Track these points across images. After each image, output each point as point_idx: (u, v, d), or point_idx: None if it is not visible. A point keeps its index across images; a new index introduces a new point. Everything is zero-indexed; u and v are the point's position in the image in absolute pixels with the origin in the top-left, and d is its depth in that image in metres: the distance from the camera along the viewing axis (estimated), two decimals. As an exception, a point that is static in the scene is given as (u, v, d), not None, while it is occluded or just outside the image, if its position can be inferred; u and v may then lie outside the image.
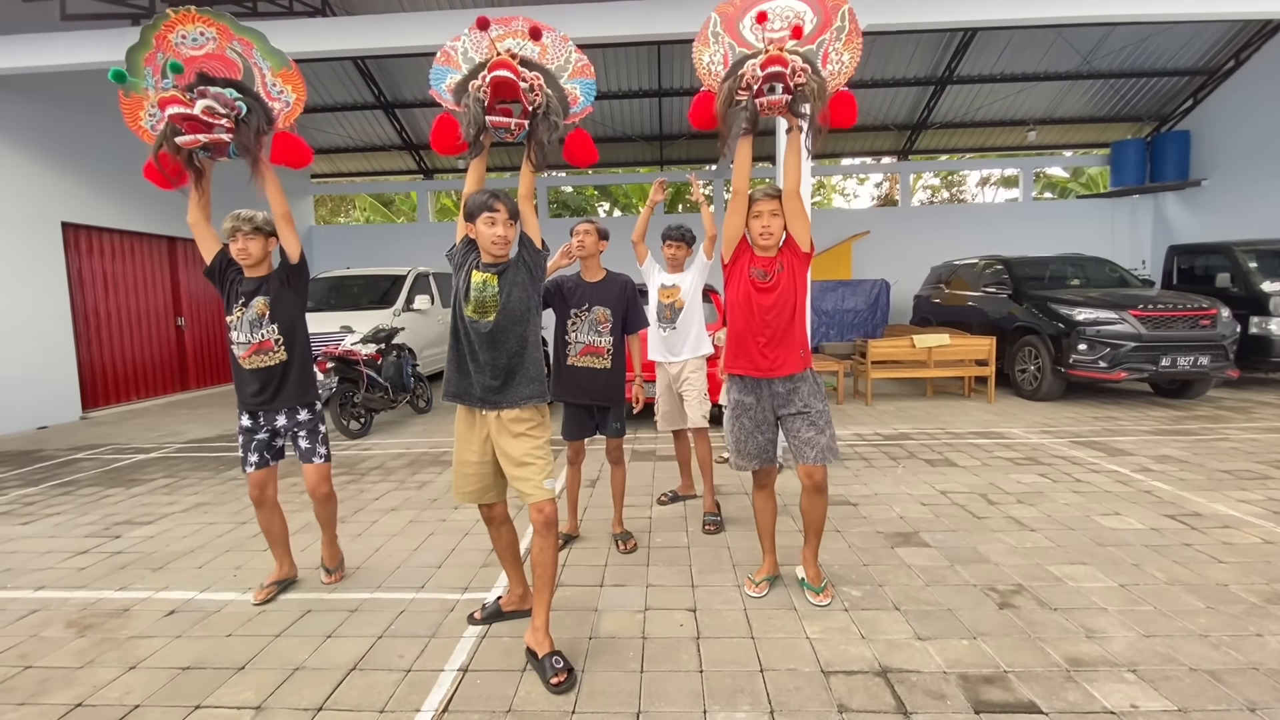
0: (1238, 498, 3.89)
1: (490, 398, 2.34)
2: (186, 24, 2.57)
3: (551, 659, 2.22)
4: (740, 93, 2.35)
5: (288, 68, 2.65)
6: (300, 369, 2.85)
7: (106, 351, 8.64)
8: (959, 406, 7.16)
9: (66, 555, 3.53)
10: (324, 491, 2.95)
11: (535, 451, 2.33)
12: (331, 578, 3.06)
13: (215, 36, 2.58)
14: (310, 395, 2.91)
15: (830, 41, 2.47)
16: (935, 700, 2.06)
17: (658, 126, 13.03)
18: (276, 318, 2.78)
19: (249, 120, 2.53)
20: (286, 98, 2.66)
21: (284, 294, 2.80)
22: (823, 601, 2.69)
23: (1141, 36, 10.49)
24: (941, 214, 15.27)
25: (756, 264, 2.63)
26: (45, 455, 6.03)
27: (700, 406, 3.77)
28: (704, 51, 2.58)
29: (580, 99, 2.49)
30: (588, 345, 3.16)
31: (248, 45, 2.62)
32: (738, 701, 2.08)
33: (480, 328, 2.32)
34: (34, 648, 2.56)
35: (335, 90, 11.75)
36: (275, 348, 2.78)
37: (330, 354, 6.22)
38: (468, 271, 2.35)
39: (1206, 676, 2.15)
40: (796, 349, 2.63)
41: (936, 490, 4.19)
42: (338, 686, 2.23)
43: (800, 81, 2.29)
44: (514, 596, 2.68)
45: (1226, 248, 7.97)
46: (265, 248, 2.78)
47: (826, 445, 2.60)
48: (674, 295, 3.82)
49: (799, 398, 2.63)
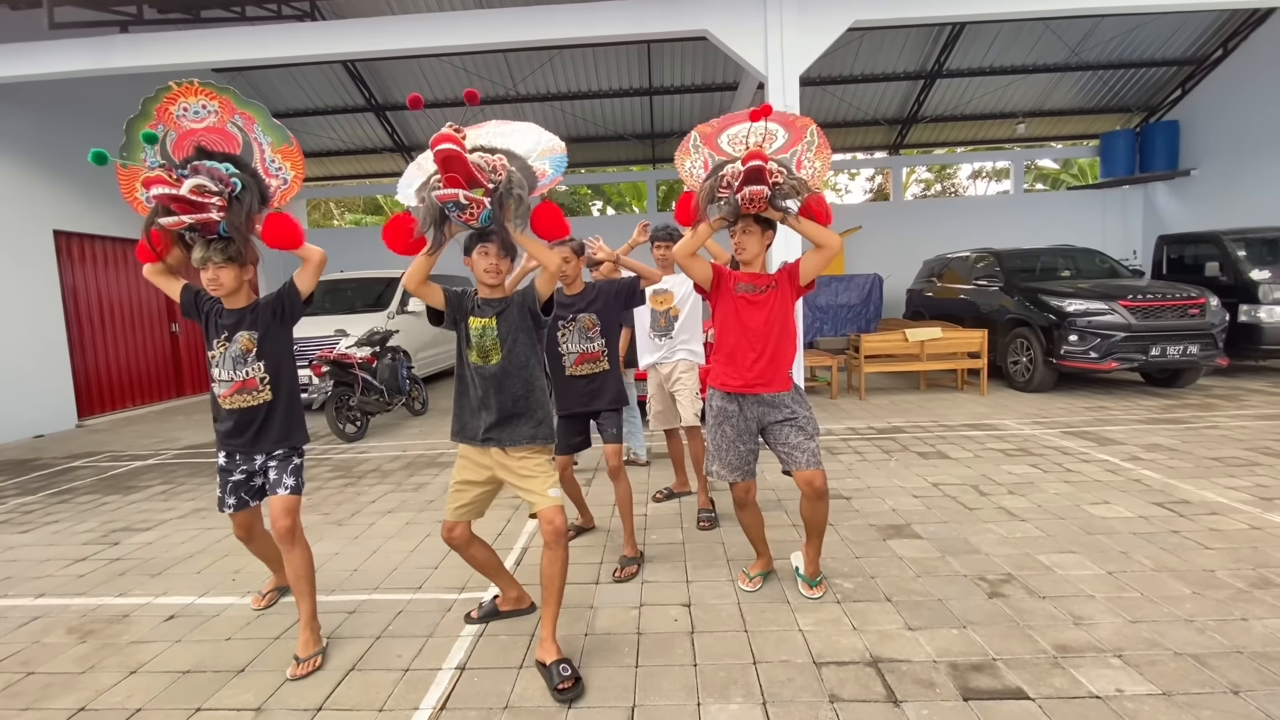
0: (1226, 485, 3.94)
1: (494, 435, 2.38)
2: (189, 96, 2.43)
3: (559, 666, 2.21)
4: (721, 190, 2.47)
5: (288, 144, 2.50)
6: (286, 410, 2.57)
7: (101, 359, 8.63)
8: (951, 399, 7.21)
9: (66, 563, 3.55)
10: (283, 526, 2.45)
11: (538, 468, 2.39)
12: (299, 668, 2.36)
13: (217, 110, 2.44)
14: (296, 439, 2.60)
15: (801, 152, 2.64)
16: (925, 689, 2.10)
17: (649, 125, 13.05)
18: (264, 354, 2.50)
19: (242, 198, 2.34)
20: (284, 175, 2.50)
21: (274, 329, 2.53)
22: (815, 595, 2.72)
23: (1129, 27, 10.55)
24: (933, 208, 15.33)
25: (742, 279, 2.66)
26: (42, 464, 6.04)
27: (692, 405, 3.79)
28: (685, 160, 2.73)
29: (549, 172, 2.35)
30: (582, 353, 3.13)
31: (249, 119, 2.47)
32: (731, 693, 2.12)
33: (485, 372, 2.36)
34: (36, 654, 2.58)
35: (325, 93, 11.74)
36: (260, 387, 2.50)
37: (325, 357, 6.23)
38: (465, 319, 2.39)
39: (1191, 660, 2.19)
40: (784, 368, 2.64)
41: (928, 482, 4.23)
42: (336, 687, 2.26)
43: (778, 180, 2.42)
44: (509, 598, 2.71)
45: (1216, 237, 8.03)
46: (239, 277, 2.49)
47: (816, 449, 2.58)
48: (668, 303, 3.79)
49: (784, 405, 2.63)
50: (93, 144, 2.45)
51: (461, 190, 2.10)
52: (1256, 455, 4.53)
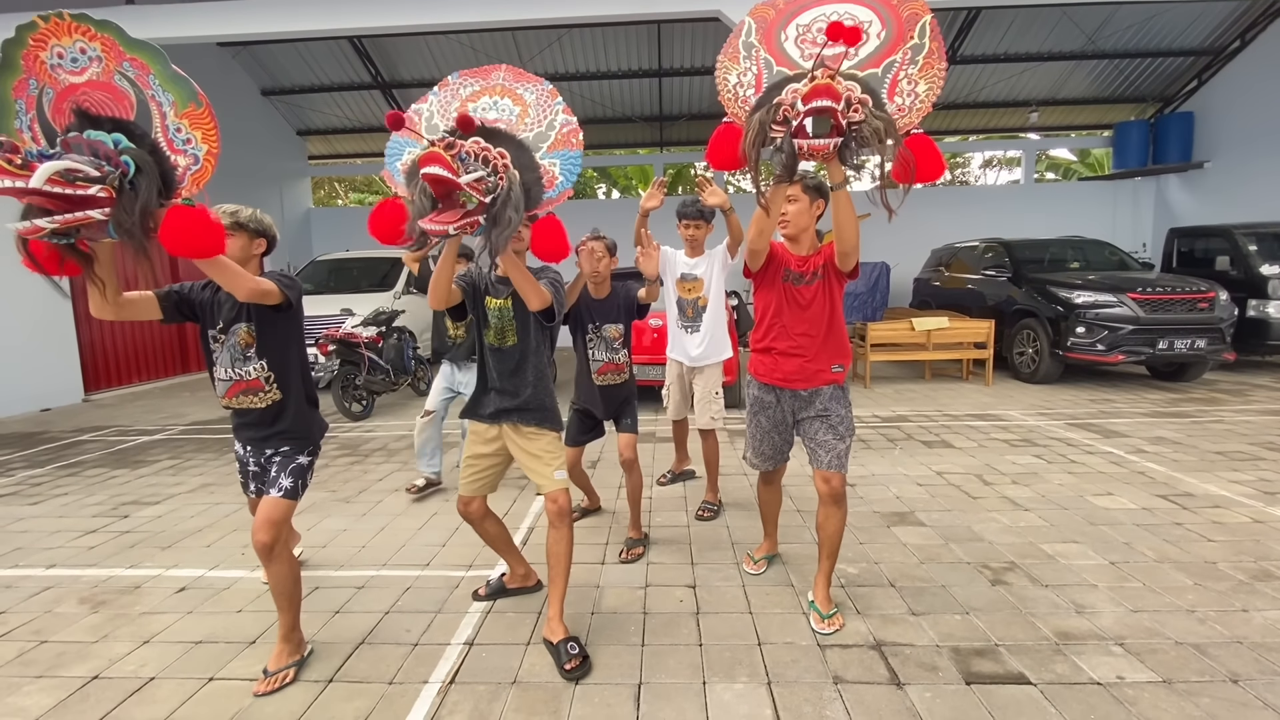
0: (1230, 478, 3.95)
1: (503, 414, 2.40)
2: (61, 37, 1.73)
3: (566, 645, 2.23)
4: (775, 128, 1.75)
5: (195, 103, 1.76)
6: (298, 406, 2.27)
7: (108, 334, 8.66)
8: (957, 389, 7.21)
9: (76, 534, 3.59)
10: (260, 540, 2.10)
11: (548, 448, 2.40)
12: (266, 682, 2.13)
13: (100, 55, 1.75)
14: (310, 434, 2.32)
15: (902, 64, 1.85)
16: (928, 672, 2.13)
17: (658, 107, 12.92)
18: (265, 351, 2.19)
19: (137, 183, 1.64)
20: (194, 150, 1.76)
21: (274, 320, 2.19)
22: (828, 630, 2.36)
23: (1147, 15, 10.38)
24: (943, 196, 15.20)
25: (792, 266, 2.38)
26: (50, 437, 6.08)
27: (710, 408, 3.60)
28: (732, 69, 1.96)
29: (558, 180, 1.95)
30: (606, 363, 3.09)
31: (143, 68, 1.76)
32: (736, 673, 2.15)
33: (503, 354, 2.37)
34: (48, 623, 2.62)
35: (331, 70, 11.64)
36: (266, 387, 2.20)
37: (331, 336, 6.25)
38: (482, 300, 2.38)
39: (1191, 649, 2.21)
40: (828, 365, 2.40)
41: (933, 471, 4.25)
42: (347, 660, 2.29)
43: (857, 119, 1.71)
44: (516, 575, 2.74)
45: (1227, 230, 7.97)
46: (248, 248, 2.20)
47: (845, 451, 2.39)
48: (697, 291, 3.57)
49: (820, 400, 2.43)
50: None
51: (453, 226, 1.73)
52: (1260, 450, 4.53)
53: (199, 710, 2.04)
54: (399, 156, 2.04)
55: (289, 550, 2.27)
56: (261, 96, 12.04)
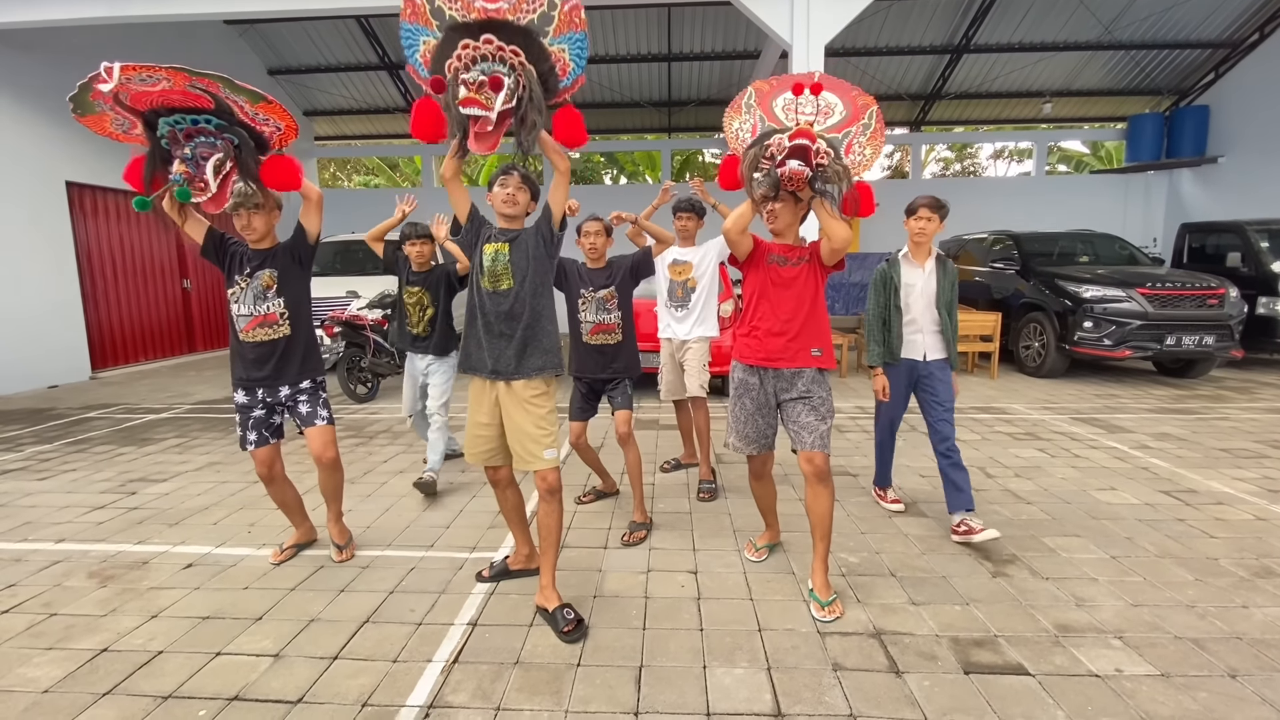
0: (1233, 475, 3.95)
1: (502, 369, 2.40)
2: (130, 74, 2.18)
3: (562, 611, 2.34)
4: (764, 161, 2.33)
5: (265, 101, 2.36)
6: (305, 343, 2.80)
7: (114, 313, 8.70)
8: (962, 381, 7.16)
9: (84, 510, 3.62)
10: (330, 456, 2.85)
11: (541, 423, 2.40)
12: (342, 554, 2.94)
13: (168, 79, 2.21)
14: (314, 369, 2.85)
15: (855, 135, 2.54)
16: (927, 660, 2.14)
17: (666, 92, 12.80)
18: (284, 292, 2.72)
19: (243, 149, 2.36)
20: (274, 124, 2.44)
21: (293, 269, 2.75)
22: (828, 617, 2.40)
23: (1165, 6, 10.22)
24: (952, 187, 15.06)
25: (776, 251, 2.56)
26: (58, 414, 6.13)
27: (699, 376, 3.80)
28: (734, 119, 2.63)
29: (570, 67, 2.15)
30: (598, 324, 3.21)
31: (213, 85, 2.26)
32: (736, 658, 2.17)
33: (497, 298, 2.38)
34: (57, 596, 2.66)
35: (338, 50, 11.56)
36: (280, 321, 2.72)
37: (336, 319, 6.26)
38: (480, 246, 2.41)
39: (1190, 644, 2.22)
40: (808, 346, 2.54)
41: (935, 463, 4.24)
42: (352, 637, 2.32)
43: (822, 162, 2.28)
44: (520, 556, 2.76)
45: (1239, 226, 7.88)
46: (270, 222, 2.72)
47: (826, 432, 2.52)
48: (686, 273, 3.75)
49: (801, 382, 2.55)
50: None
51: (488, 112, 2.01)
52: (1265, 448, 4.52)
53: (207, 683, 2.07)
54: (416, 47, 2.18)
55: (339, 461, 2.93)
56: (268, 76, 11.97)
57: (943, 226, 3.17)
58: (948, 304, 3.21)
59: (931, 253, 3.25)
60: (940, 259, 3.24)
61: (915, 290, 3.21)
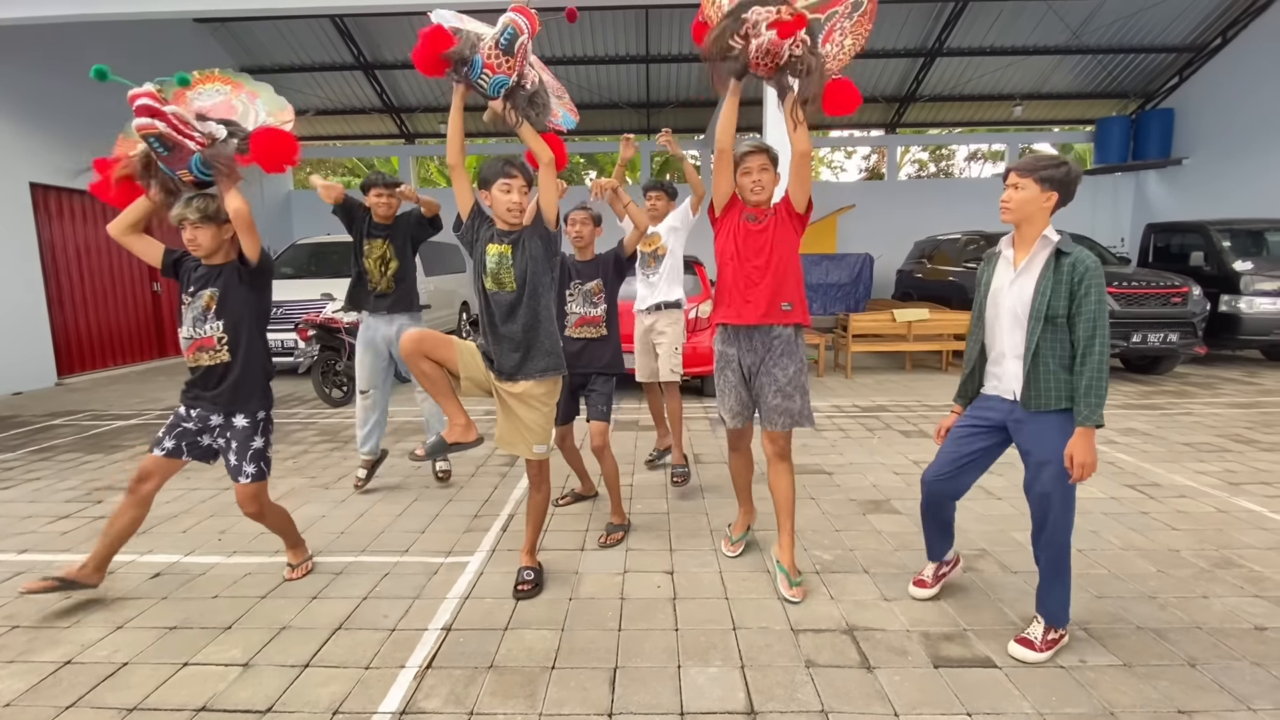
0: (1196, 469, 4.06)
1: (506, 369, 2.43)
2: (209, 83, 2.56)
3: (524, 571, 2.62)
4: (735, 38, 2.20)
5: (282, 109, 2.61)
6: (242, 375, 2.54)
7: (81, 317, 8.48)
8: (936, 380, 7.30)
9: (49, 519, 3.54)
10: (251, 511, 2.63)
11: (540, 421, 2.46)
12: (294, 573, 2.79)
13: (229, 91, 2.57)
14: (252, 405, 2.58)
15: (840, 18, 2.30)
16: (897, 655, 2.18)
17: (645, 93, 12.83)
18: (223, 314, 2.51)
19: (225, 142, 2.44)
20: (277, 120, 2.60)
21: (237, 290, 2.52)
22: (796, 598, 2.49)
23: (1131, 11, 10.47)
24: (926, 188, 15.31)
25: (749, 210, 2.59)
26: (22, 421, 5.97)
27: (670, 359, 3.82)
28: None
29: (560, 115, 2.59)
30: (583, 316, 3.23)
31: (253, 96, 2.60)
32: (710, 657, 2.18)
33: (500, 299, 2.40)
34: (20, 608, 2.59)
35: (313, 49, 11.41)
36: (217, 346, 2.51)
37: (311, 321, 6.18)
38: (482, 245, 2.41)
39: (1152, 634, 2.28)
40: (779, 300, 2.51)
41: (910, 460, 4.31)
42: (324, 645, 2.29)
43: (796, 54, 2.17)
44: (456, 428, 2.51)
45: (1202, 226, 8.11)
46: (218, 236, 2.50)
47: (798, 411, 2.56)
48: (655, 243, 3.86)
49: (771, 356, 2.55)
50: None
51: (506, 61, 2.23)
52: (1227, 442, 4.65)
53: (173, 695, 2.03)
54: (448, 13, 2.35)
55: (272, 504, 2.72)
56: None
57: (1051, 199, 2.05)
58: (1053, 317, 2.05)
59: (1039, 243, 2.09)
60: (1059, 255, 2.05)
61: (1000, 295, 2.19)
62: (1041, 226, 2.09)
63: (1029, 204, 2.07)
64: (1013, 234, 2.18)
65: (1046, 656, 2.13)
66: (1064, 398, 2.08)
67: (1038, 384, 2.11)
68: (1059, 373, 2.07)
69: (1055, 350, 2.07)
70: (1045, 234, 2.07)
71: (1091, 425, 2.03)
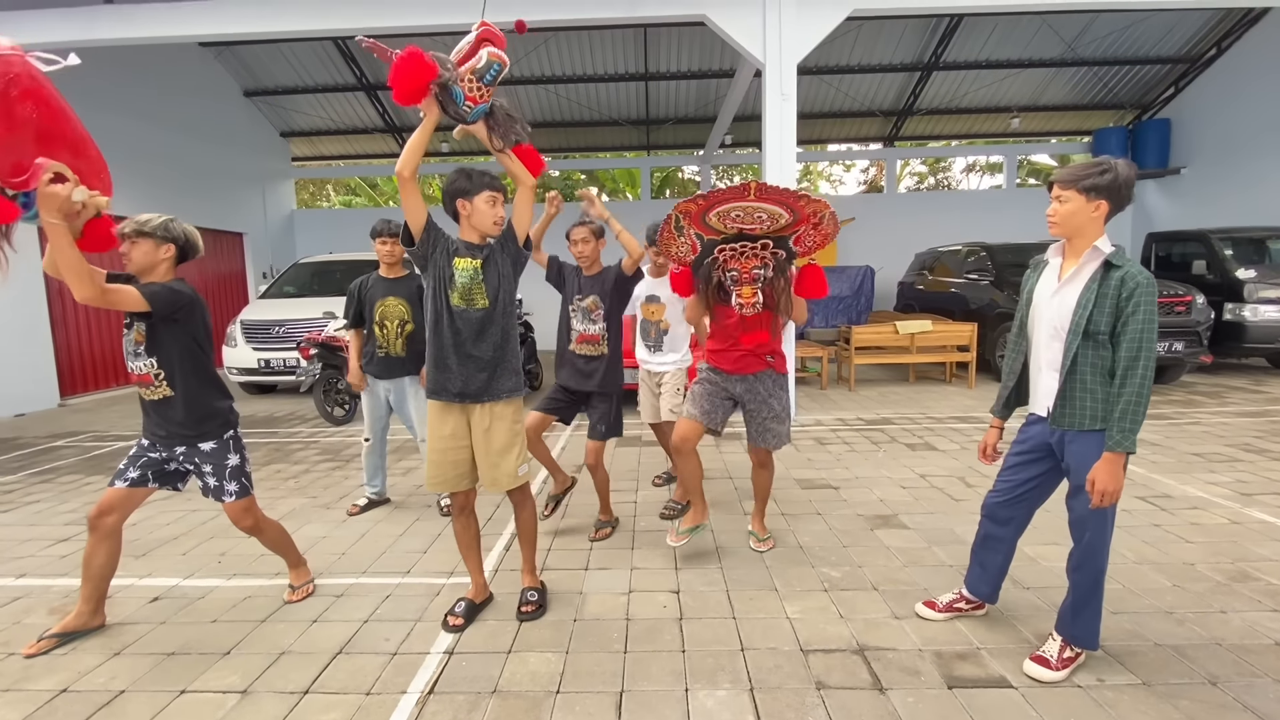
0: (1207, 480, 4.00)
1: (472, 391, 2.36)
2: None
3: (527, 592, 2.60)
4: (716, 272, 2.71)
5: None
6: (190, 406, 2.42)
7: (84, 338, 8.49)
8: (940, 392, 7.26)
9: (48, 543, 3.50)
10: (246, 525, 2.59)
11: (515, 440, 2.42)
12: (295, 595, 2.76)
13: None
14: (213, 428, 2.48)
15: (806, 230, 2.67)
16: (910, 676, 2.12)
17: (644, 110, 12.93)
18: (154, 350, 2.38)
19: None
20: None
21: (161, 325, 2.36)
22: (764, 548, 3.13)
23: (1125, 24, 10.55)
24: (926, 201, 15.35)
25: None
26: (24, 443, 5.95)
27: (671, 400, 3.66)
28: (671, 245, 2.80)
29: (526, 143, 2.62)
30: (582, 333, 3.19)
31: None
32: (719, 679, 2.13)
33: (469, 317, 2.34)
34: (17, 635, 2.55)
35: (315, 71, 11.53)
36: (155, 382, 2.40)
37: (313, 340, 6.17)
38: (445, 259, 2.34)
39: (1170, 651, 2.23)
40: (764, 356, 2.90)
41: (916, 474, 4.26)
42: (324, 670, 2.25)
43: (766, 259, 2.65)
44: (477, 587, 2.64)
45: (1203, 235, 8.10)
46: (154, 254, 2.35)
47: (785, 432, 2.98)
48: (659, 314, 3.63)
49: (763, 387, 2.92)
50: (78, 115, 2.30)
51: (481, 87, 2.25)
52: (1238, 451, 4.60)
53: (170, 724, 1.99)
54: None
55: (267, 518, 2.70)
56: (244, 97, 11.89)
57: (1101, 208, 1.94)
58: (1094, 333, 1.94)
59: (1088, 254, 1.98)
60: (1108, 267, 1.93)
61: (1041, 307, 2.10)
62: (1094, 237, 1.97)
63: (1075, 216, 1.96)
64: (1063, 242, 2.07)
65: (1063, 675, 2.08)
66: (1099, 418, 1.96)
67: (1072, 402, 2.00)
68: (1096, 391, 1.96)
69: (1095, 368, 1.95)
70: (1097, 245, 1.96)
71: (1122, 451, 1.90)
